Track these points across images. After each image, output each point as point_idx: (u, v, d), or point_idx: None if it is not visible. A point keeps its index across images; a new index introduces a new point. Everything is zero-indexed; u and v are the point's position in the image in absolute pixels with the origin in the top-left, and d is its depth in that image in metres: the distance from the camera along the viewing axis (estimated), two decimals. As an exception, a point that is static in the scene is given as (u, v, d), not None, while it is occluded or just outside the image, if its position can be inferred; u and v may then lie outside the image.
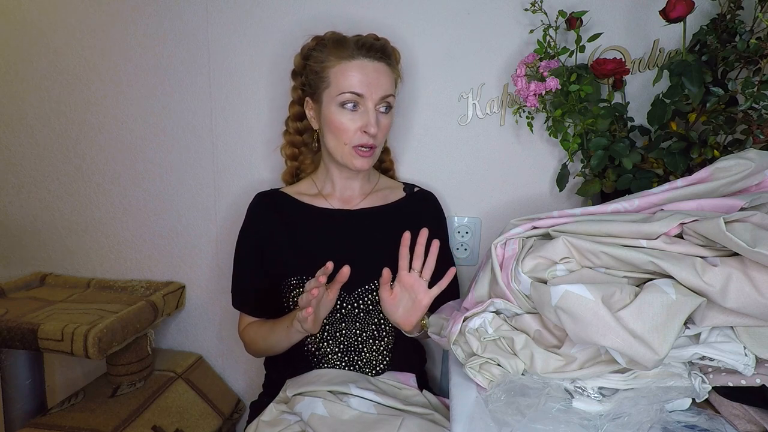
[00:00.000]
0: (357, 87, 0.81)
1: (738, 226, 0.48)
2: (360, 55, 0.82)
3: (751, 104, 0.72)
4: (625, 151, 0.82)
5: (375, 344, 0.89)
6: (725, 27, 0.77)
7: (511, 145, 1.02)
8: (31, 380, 1.01)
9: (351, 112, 0.83)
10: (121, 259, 1.22)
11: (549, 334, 0.61)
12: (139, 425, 0.95)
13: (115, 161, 1.17)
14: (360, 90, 0.81)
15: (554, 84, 0.84)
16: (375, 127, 0.82)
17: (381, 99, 0.83)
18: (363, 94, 0.82)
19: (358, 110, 0.83)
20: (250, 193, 0.97)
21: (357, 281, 0.86)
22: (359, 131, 0.83)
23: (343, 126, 0.83)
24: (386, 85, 0.84)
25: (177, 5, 1.06)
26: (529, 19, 0.94)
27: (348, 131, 0.83)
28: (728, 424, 0.57)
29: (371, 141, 0.83)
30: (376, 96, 0.82)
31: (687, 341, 0.56)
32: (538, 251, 0.60)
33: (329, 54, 0.84)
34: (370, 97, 0.82)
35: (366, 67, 0.82)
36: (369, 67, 0.82)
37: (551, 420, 0.55)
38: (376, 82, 0.82)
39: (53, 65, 1.14)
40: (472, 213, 1.07)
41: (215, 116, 1.10)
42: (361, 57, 0.82)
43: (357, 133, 0.83)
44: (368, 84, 0.81)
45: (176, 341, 1.24)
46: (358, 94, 0.82)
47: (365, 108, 0.83)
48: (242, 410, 1.22)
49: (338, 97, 0.82)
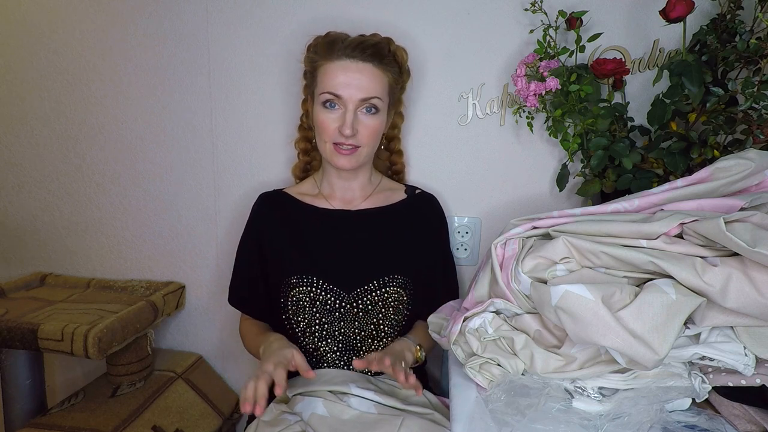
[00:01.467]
0: (336, 87, 0.82)
1: (738, 226, 0.48)
2: (344, 55, 0.82)
3: (751, 104, 0.72)
4: (625, 151, 0.82)
5: (374, 344, 0.89)
6: (725, 27, 0.77)
7: (511, 145, 1.02)
8: (31, 380, 1.01)
9: (331, 111, 0.84)
10: (121, 259, 1.22)
11: (549, 334, 0.61)
12: (139, 425, 0.95)
13: (115, 161, 1.17)
14: (338, 91, 0.82)
15: (554, 84, 0.84)
16: (350, 128, 0.82)
17: (362, 101, 0.83)
18: (341, 96, 0.82)
19: (337, 110, 0.84)
20: (250, 193, 0.97)
21: (356, 281, 0.87)
22: (337, 130, 0.83)
23: (324, 124, 0.84)
24: (368, 87, 0.83)
25: (177, 5, 1.06)
26: (529, 19, 0.94)
27: (328, 129, 0.84)
28: (728, 424, 0.57)
29: (349, 141, 0.84)
30: (356, 98, 0.82)
31: (687, 341, 0.56)
32: (538, 251, 0.60)
33: (320, 54, 0.85)
34: (349, 98, 0.82)
35: (348, 68, 0.82)
36: (351, 68, 0.82)
37: (551, 420, 0.55)
38: (356, 84, 0.82)
39: (53, 65, 1.14)
40: (472, 213, 1.07)
41: (215, 116, 1.10)
42: (345, 58, 0.82)
43: (335, 131, 0.84)
44: (347, 85, 0.81)
45: (176, 341, 1.24)
46: (336, 95, 0.82)
47: (344, 108, 0.83)
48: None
49: (320, 96, 0.83)
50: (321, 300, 0.86)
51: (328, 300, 0.86)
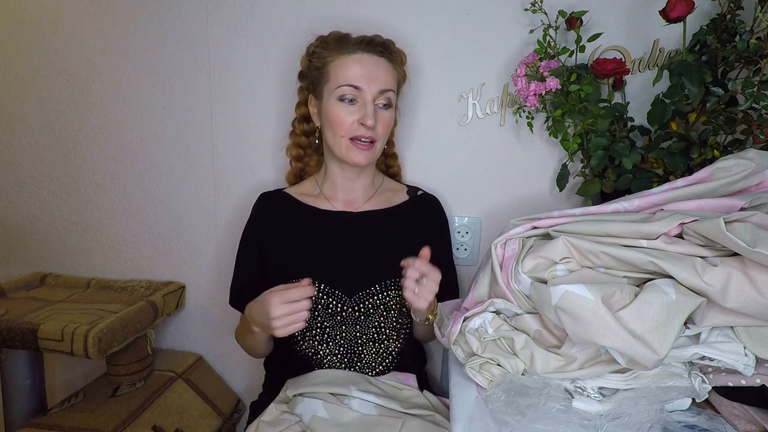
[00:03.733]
0: (355, 80, 0.81)
1: (738, 226, 0.48)
2: (359, 49, 0.83)
3: (751, 104, 0.72)
4: (625, 151, 0.82)
5: (375, 347, 0.88)
6: (725, 27, 0.77)
7: (511, 145, 1.02)
8: (31, 380, 1.01)
9: (349, 106, 0.83)
10: (121, 259, 1.22)
11: (549, 334, 0.61)
12: (139, 425, 0.95)
13: (115, 161, 1.17)
14: (357, 83, 0.81)
15: (554, 84, 0.84)
16: (372, 119, 0.81)
17: (380, 93, 0.83)
18: (361, 87, 0.82)
19: (356, 104, 0.83)
20: (250, 193, 0.97)
21: (358, 284, 0.86)
22: (356, 123, 0.83)
23: (339, 118, 0.83)
24: (385, 79, 0.83)
25: (177, 5, 1.06)
26: (529, 19, 0.94)
27: (344, 123, 0.83)
28: (728, 424, 0.57)
29: (369, 133, 0.83)
30: (375, 89, 0.82)
31: (687, 341, 0.56)
32: (538, 251, 0.60)
33: (330, 50, 0.84)
34: (368, 89, 0.82)
35: (365, 60, 0.82)
36: (368, 60, 0.82)
37: (551, 420, 0.55)
38: (374, 76, 0.82)
39: (53, 65, 1.14)
40: (472, 213, 1.07)
41: (215, 116, 1.10)
42: (361, 51, 0.83)
43: (354, 125, 0.83)
44: (366, 77, 0.81)
45: (176, 341, 1.24)
46: (356, 86, 0.82)
47: (363, 101, 0.82)
48: (242, 410, 1.22)
49: (336, 91, 0.82)
50: (322, 303, 0.85)
51: (330, 303, 0.85)
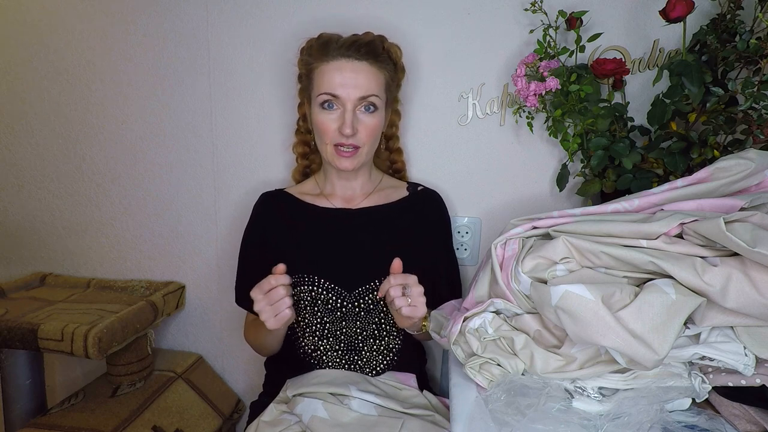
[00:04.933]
0: (333, 88, 0.82)
1: (738, 226, 0.48)
2: (339, 55, 0.82)
3: (751, 104, 0.72)
4: (625, 151, 0.82)
5: (375, 344, 0.89)
6: (725, 27, 0.77)
7: (511, 145, 1.02)
8: (31, 380, 1.01)
9: (329, 112, 0.83)
10: (121, 259, 1.22)
11: (549, 334, 0.61)
12: (139, 425, 0.95)
13: (115, 161, 1.17)
14: (336, 91, 0.82)
15: (554, 84, 0.84)
16: (350, 128, 0.82)
17: (360, 99, 0.82)
18: (339, 95, 0.82)
19: (336, 111, 0.83)
20: (250, 193, 0.97)
21: (358, 280, 0.86)
22: (337, 131, 0.83)
23: (323, 126, 0.84)
24: (367, 85, 0.83)
25: (177, 5, 1.06)
26: (529, 19, 0.94)
27: (328, 131, 0.84)
28: (728, 424, 0.57)
29: (350, 141, 0.83)
30: (354, 96, 0.82)
31: (687, 341, 0.56)
32: (538, 251, 0.60)
33: (314, 57, 0.85)
34: (347, 98, 0.82)
35: (343, 68, 0.82)
36: (347, 67, 0.82)
37: (551, 420, 0.55)
38: (353, 83, 0.82)
39: (53, 65, 1.14)
40: (472, 213, 1.07)
41: (215, 116, 1.10)
42: (340, 57, 0.82)
43: (336, 132, 0.83)
44: (344, 85, 0.81)
45: (176, 341, 1.24)
46: (334, 95, 0.82)
47: (343, 109, 0.83)
48: (242, 410, 1.22)
49: (318, 98, 0.83)
50: (322, 299, 0.85)
51: (330, 299, 0.86)
